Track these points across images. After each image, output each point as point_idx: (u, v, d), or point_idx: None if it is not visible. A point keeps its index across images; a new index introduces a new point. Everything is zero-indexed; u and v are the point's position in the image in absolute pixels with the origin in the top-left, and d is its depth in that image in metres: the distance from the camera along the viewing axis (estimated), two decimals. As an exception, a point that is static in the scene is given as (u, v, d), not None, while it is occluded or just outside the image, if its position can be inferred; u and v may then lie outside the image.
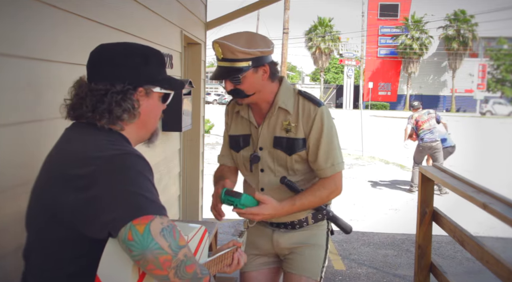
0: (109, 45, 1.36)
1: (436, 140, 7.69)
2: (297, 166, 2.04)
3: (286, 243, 2.13)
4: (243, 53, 1.87)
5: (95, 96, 1.27)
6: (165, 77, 1.41)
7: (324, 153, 1.99)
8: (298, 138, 2.00)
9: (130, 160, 1.19)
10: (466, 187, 2.62)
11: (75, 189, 1.15)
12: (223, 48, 1.87)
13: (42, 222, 1.22)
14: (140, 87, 1.32)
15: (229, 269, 1.53)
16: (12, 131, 1.54)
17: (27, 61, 1.61)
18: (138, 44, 1.42)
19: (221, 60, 1.90)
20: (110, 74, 1.29)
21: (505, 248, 4.96)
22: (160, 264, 1.09)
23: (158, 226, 1.10)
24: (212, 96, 42.09)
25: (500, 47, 40.71)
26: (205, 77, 5.04)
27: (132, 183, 1.14)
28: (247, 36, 1.92)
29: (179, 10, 3.79)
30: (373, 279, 4.27)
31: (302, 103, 2.02)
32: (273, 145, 2.03)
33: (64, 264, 1.20)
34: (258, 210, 1.91)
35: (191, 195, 4.75)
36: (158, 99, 1.39)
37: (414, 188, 7.91)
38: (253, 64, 1.90)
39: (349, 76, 32.44)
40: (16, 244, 1.52)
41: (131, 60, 1.32)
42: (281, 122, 2.02)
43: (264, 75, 1.95)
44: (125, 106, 1.28)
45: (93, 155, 1.18)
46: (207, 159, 6.81)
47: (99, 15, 2.16)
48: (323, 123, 1.99)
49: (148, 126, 1.39)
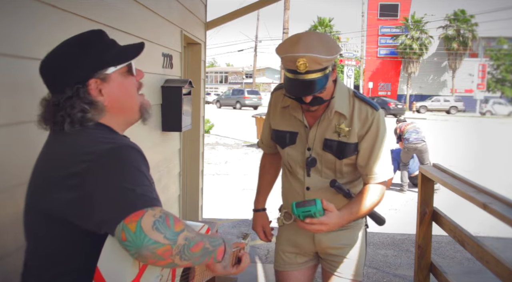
0: (48, 54, 1.31)
1: (422, 140, 7.83)
2: (345, 169, 1.99)
3: (329, 243, 2.08)
4: (327, 61, 1.75)
5: (51, 107, 1.26)
6: (114, 52, 1.31)
7: (377, 158, 1.93)
8: (350, 143, 1.93)
9: (122, 153, 1.17)
10: (466, 187, 2.62)
11: (68, 188, 1.14)
12: (309, 61, 1.72)
13: (39, 223, 1.22)
14: (89, 79, 1.26)
15: (234, 270, 1.48)
16: (12, 131, 1.54)
17: (27, 61, 1.60)
18: (74, 36, 1.33)
19: (303, 73, 1.74)
20: (58, 82, 1.26)
21: (505, 248, 4.96)
22: (159, 256, 1.08)
23: (150, 220, 1.07)
24: (212, 96, 42.08)
25: (500, 47, 40.68)
26: (205, 77, 5.03)
27: (124, 178, 1.12)
28: (321, 41, 1.77)
29: (179, 10, 3.79)
30: (373, 279, 4.26)
31: (358, 106, 1.94)
32: (322, 147, 1.96)
33: (64, 261, 1.20)
34: (327, 219, 1.78)
35: (191, 195, 4.74)
36: (122, 77, 1.31)
37: (405, 187, 8.12)
38: (332, 68, 1.81)
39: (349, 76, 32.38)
40: (16, 244, 1.52)
41: (68, 58, 1.27)
42: (334, 125, 1.94)
43: (333, 76, 1.88)
44: (79, 107, 1.24)
45: (85, 151, 1.17)
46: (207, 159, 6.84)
47: (99, 15, 2.16)
48: (379, 129, 1.93)
49: (126, 107, 1.33)
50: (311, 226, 1.79)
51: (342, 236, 2.08)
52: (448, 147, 13.87)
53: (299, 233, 2.11)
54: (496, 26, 42.35)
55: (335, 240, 2.08)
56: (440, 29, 38.88)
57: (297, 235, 2.13)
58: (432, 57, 39.91)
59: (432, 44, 39.04)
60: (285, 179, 2.15)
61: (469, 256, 4.53)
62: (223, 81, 63.40)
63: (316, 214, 1.77)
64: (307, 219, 1.77)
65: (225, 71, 65.15)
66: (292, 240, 2.16)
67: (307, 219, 1.77)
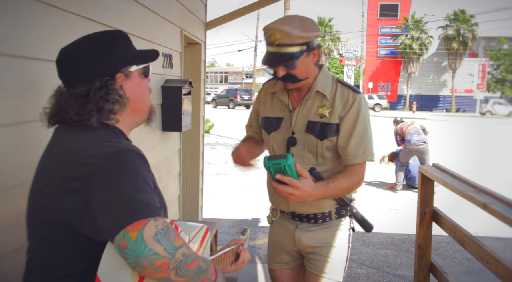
0: (69, 47, 1.32)
1: (424, 142, 7.73)
2: (327, 153, 2.00)
3: (308, 242, 2.11)
4: (300, 37, 1.85)
5: (78, 99, 1.24)
6: (136, 53, 1.37)
7: (357, 139, 1.95)
8: (331, 123, 1.97)
9: (124, 158, 1.17)
10: (466, 187, 2.62)
11: (70, 191, 1.14)
12: (280, 34, 1.84)
13: (41, 224, 1.22)
14: (117, 73, 1.29)
15: (233, 267, 1.49)
16: (12, 131, 1.54)
17: (27, 61, 1.60)
18: (95, 33, 1.36)
19: (276, 46, 1.87)
20: (83, 74, 1.26)
21: (505, 248, 4.96)
22: (157, 268, 1.07)
23: (152, 230, 1.07)
24: (212, 96, 42.10)
25: (500, 47, 40.68)
26: (205, 77, 5.03)
27: (126, 185, 1.12)
28: (299, 20, 1.90)
29: (179, 10, 3.79)
30: (373, 279, 4.27)
31: (340, 89, 2.01)
32: (305, 129, 2.00)
33: (66, 264, 1.20)
34: (299, 184, 1.78)
35: (191, 195, 4.74)
36: (139, 77, 1.36)
37: (398, 187, 8.05)
38: (307, 48, 1.89)
39: (349, 76, 32.40)
40: (16, 244, 1.52)
41: (97, 51, 1.28)
42: (317, 107, 2.00)
43: (313, 59, 1.95)
44: (112, 99, 1.25)
45: (87, 154, 1.17)
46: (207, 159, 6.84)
47: (99, 15, 2.16)
48: (359, 111, 1.96)
49: (140, 106, 1.36)
50: (283, 188, 1.78)
51: (321, 235, 2.10)
52: (448, 147, 13.86)
53: (282, 232, 2.18)
54: (496, 26, 42.37)
55: (315, 238, 2.10)
56: (440, 29, 38.88)
57: (279, 234, 2.20)
58: (432, 57, 39.91)
59: (432, 44, 39.04)
60: None
61: (469, 256, 4.53)
62: (223, 81, 63.37)
63: (286, 168, 1.74)
64: (277, 175, 1.77)
65: (225, 71, 65.14)
66: (276, 239, 2.22)
67: (277, 175, 1.77)
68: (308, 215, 2.08)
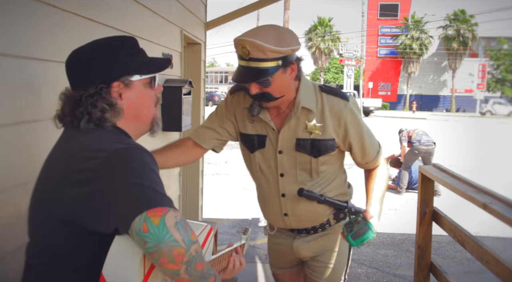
0: (78, 50, 1.33)
1: (434, 143, 7.65)
2: (322, 167, 1.89)
3: (308, 252, 2.08)
4: (274, 52, 1.63)
5: (72, 102, 1.26)
6: (143, 62, 1.34)
7: (369, 145, 1.93)
8: (326, 139, 1.84)
9: (135, 154, 1.18)
10: (466, 187, 2.62)
11: (78, 183, 1.14)
12: (251, 47, 1.62)
13: (45, 221, 1.21)
14: (114, 82, 1.28)
15: (223, 275, 1.45)
16: (11, 131, 1.54)
17: (27, 61, 1.60)
18: (105, 38, 1.36)
19: (247, 60, 1.65)
20: (82, 79, 1.27)
21: (505, 248, 4.96)
22: (173, 257, 1.07)
23: (173, 219, 1.07)
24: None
25: (500, 47, 40.69)
26: (205, 77, 5.03)
27: (141, 175, 1.13)
28: (274, 32, 1.67)
29: (179, 10, 3.79)
30: (373, 279, 4.27)
31: (326, 99, 1.84)
32: (295, 148, 1.85)
33: (66, 261, 1.19)
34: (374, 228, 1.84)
35: (191, 195, 4.74)
36: (143, 87, 1.34)
37: (403, 190, 7.93)
38: (283, 63, 1.67)
39: (349, 76, 32.39)
40: (16, 244, 1.52)
41: (98, 58, 1.29)
42: (304, 123, 1.83)
43: (291, 74, 1.74)
44: (100, 107, 1.25)
45: (97, 148, 1.18)
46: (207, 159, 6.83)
47: (99, 15, 2.16)
48: (355, 117, 1.87)
49: (141, 116, 1.35)
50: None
51: (321, 243, 2.05)
52: (448, 147, 13.86)
53: (280, 243, 2.14)
54: (496, 26, 42.35)
55: (314, 248, 2.06)
56: (440, 29, 38.89)
57: (278, 245, 2.15)
58: (432, 57, 39.92)
59: (432, 44, 39.05)
60: (259, 188, 2.05)
61: (469, 256, 4.53)
62: (223, 81, 63.38)
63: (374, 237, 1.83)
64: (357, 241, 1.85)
65: (225, 71, 65.12)
66: (276, 249, 2.18)
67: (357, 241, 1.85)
68: (307, 228, 2.04)
